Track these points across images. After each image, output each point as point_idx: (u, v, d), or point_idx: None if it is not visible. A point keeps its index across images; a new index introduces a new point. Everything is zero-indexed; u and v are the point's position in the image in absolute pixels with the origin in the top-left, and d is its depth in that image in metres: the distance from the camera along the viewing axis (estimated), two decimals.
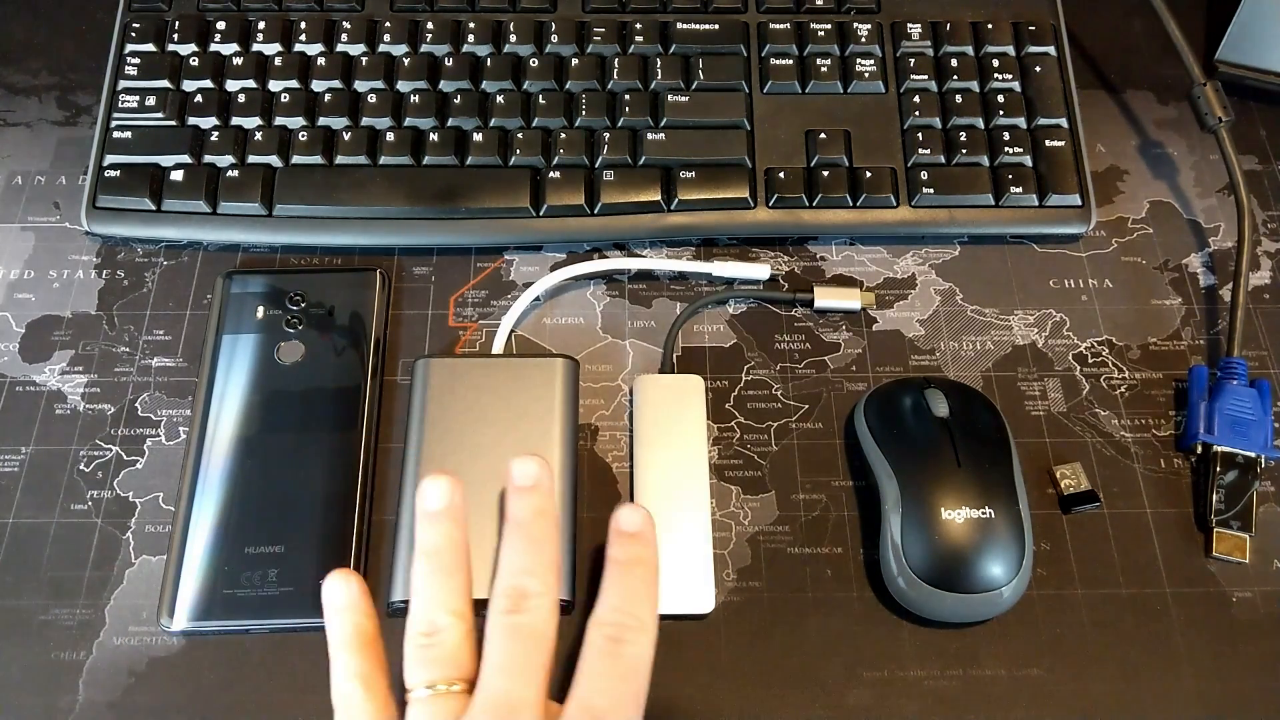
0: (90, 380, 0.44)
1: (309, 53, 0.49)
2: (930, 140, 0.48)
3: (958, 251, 0.48)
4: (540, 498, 0.35)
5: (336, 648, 0.33)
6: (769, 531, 0.42)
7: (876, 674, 0.39)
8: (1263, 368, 0.46)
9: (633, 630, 0.33)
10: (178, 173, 0.47)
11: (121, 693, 0.38)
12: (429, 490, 0.35)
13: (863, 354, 0.46)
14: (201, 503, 0.40)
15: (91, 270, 0.47)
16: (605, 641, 0.33)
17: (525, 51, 0.50)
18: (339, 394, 0.43)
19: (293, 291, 0.45)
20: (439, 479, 0.35)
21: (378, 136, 0.47)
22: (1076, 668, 0.39)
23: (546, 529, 0.35)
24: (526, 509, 0.35)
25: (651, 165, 0.47)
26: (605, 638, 0.33)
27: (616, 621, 0.33)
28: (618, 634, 0.33)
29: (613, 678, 0.32)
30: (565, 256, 0.48)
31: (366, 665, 0.33)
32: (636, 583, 0.34)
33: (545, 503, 0.35)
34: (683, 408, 0.42)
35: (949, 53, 0.50)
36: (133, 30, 0.50)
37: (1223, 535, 0.41)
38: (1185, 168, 0.51)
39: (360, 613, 0.34)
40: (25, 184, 0.49)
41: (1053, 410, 0.44)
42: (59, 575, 0.40)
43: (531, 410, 0.42)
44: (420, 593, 0.34)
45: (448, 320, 0.46)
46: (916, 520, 0.38)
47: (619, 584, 0.34)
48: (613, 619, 0.33)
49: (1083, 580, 0.41)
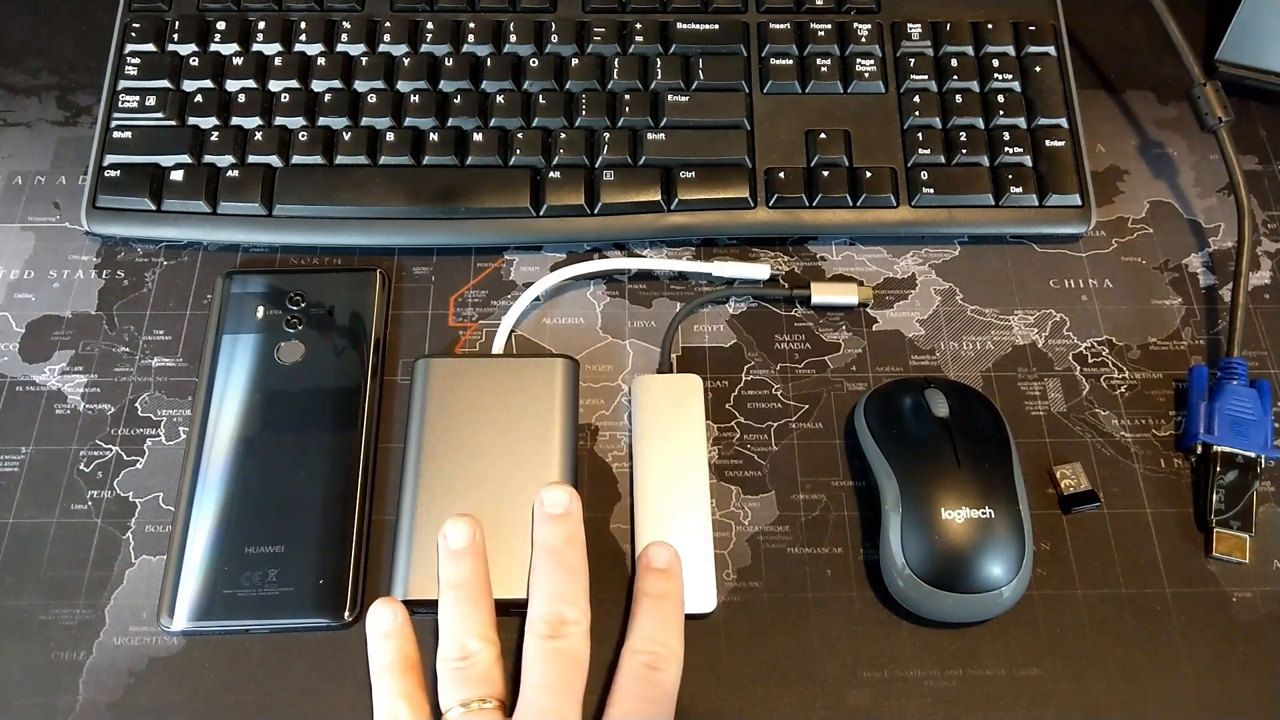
0: (90, 380, 0.44)
1: (309, 53, 0.49)
2: (930, 140, 0.48)
3: (958, 251, 0.48)
4: (571, 525, 0.38)
5: (380, 670, 0.36)
6: (769, 531, 0.42)
7: (876, 674, 0.39)
8: (1263, 368, 0.46)
9: (665, 659, 0.36)
10: (178, 173, 0.47)
11: (121, 693, 0.38)
12: (453, 531, 0.38)
13: (863, 354, 0.46)
14: (201, 503, 0.40)
15: (91, 270, 0.47)
16: (641, 668, 0.36)
17: (525, 51, 0.50)
18: (339, 394, 0.43)
19: (293, 291, 0.45)
20: (461, 521, 0.38)
21: (378, 136, 0.47)
22: (1076, 668, 0.39)
23: (578, 556, 0.38)
24: (558, 536, 0.38)
25: (651, 165, 0.47)
26: (642, 664, 0.36)
27: (651, 650, 0.36)
28: (653, 661, 0.36)
29: (647, 701, 0.35)
30: (565, 256, 0.48)
31: (410, 686, 0.36)
32: (668, 616, 0.37)
33: (576, 530, 0.38)
34: (682, 407, 0.42)
35: (949, 53, 0.50)
36: (133, 30, 0.50)
37: (1223, 535, 0.41)
38: (1185, 168, 0.51)
39: (404, 638, 0.37)
40: (25, 184, 0.49)
41: (1053, 410, 0.44)
42: (59, 575, 0.40)
43: (531, 410, 0.42)
44: (450, 621, 0.36)
45: (448, 320, 0.46)
46: (916, 520, 0.38)
47: (652, 616, 0.37)
48: (648, 647, 0.36)
49: (1083, 580, 0.41)
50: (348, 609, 0.39)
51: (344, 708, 0.38)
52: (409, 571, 0.38)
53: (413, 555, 0.39)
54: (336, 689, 0.38)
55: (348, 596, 0.39)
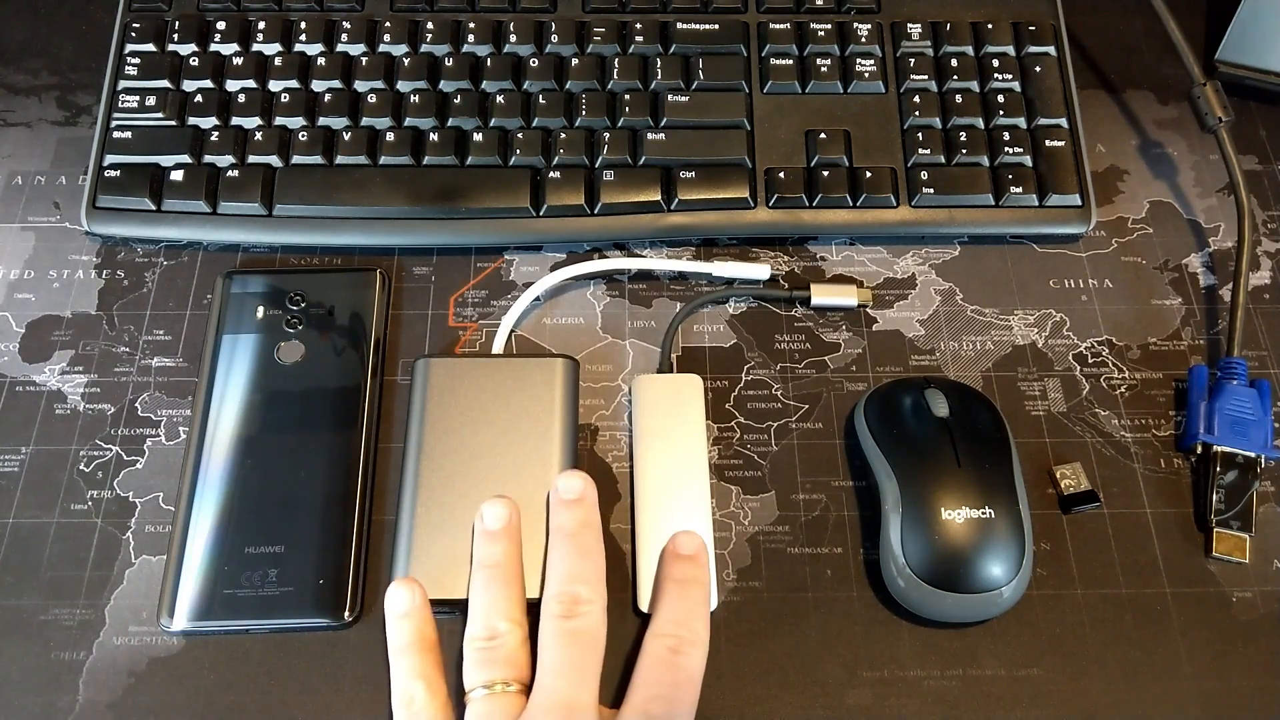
0: (90, 380, 0.44)
1: (309, 53, 0.49)
2: (930, 140, 0.48)
3: (958, 251, 0.48)
4: (586, 510, 0.38)
5: (399, 650, 0.36)
6: (769, 531, 0.42)
7: (876, 674, 0.39)
8: (1263, 368, 0.46)
9: (689, 643, 0.36)
10: (178, 173, 0.47)
11: (121, 693, 0.38)
12: (490, 512, 0.38)
13: (863, 354, 0.46)
14: (201, 503, 0.40)
15: (91, 270, 0.47)
16: (665, 651, 0.35)
17: (525, 51, 0.50)
18: (339, 394, 0.43)
19: (293, 291, 0.45)
20: (499, 503, 0.38)
21: (378, 136, 0.47)
22: (1076, 668, 0.39)
23: (593, 539, 0.38)
24: (573, 521, 0.38)
25: (651, 165, 0.47)
26: (665, 648, 0.35)
27: (675, 634, 0.36)
28: (676, 645, 0.35)
29: (669, 685, 0.35)
30: (565, 256, 0.48)
31: (428, 667, 0.35)
32: (692, 602, 0.37)
33: (591, 515, 0.38)
34: (682, 408, 0.42)
35: (949, 53, 0.50)
36: (133, 30, 0.50)
37: (1223, 535, 0.41)
38: (1185, 168, 0.51)
39: (422, 619, 0.36)
40: (25, 184, 0.49)
41: (1053, 410, 0.44)
42: (59, 575, 0.40)
43: (531, 410, 0.42)
44: (479, 602, 0.36)
45: (448, 320, 0.46)
46: (916, 520, 0.38)
47: (677, 600, 0.37)
48: (671, 631, 0.36)
49: (1083, 580, 0.41)
50: (348, 609, 0.39)
51: (344, 708, 0.38)
52: (409, 571, 0.38)
53: (413, 555, 0.39)
54: (336, 689, 0.38)
55: (348, 596, 0.39)
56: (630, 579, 0.40)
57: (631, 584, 0.40)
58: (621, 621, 0.39)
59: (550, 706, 0.33)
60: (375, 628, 0.39)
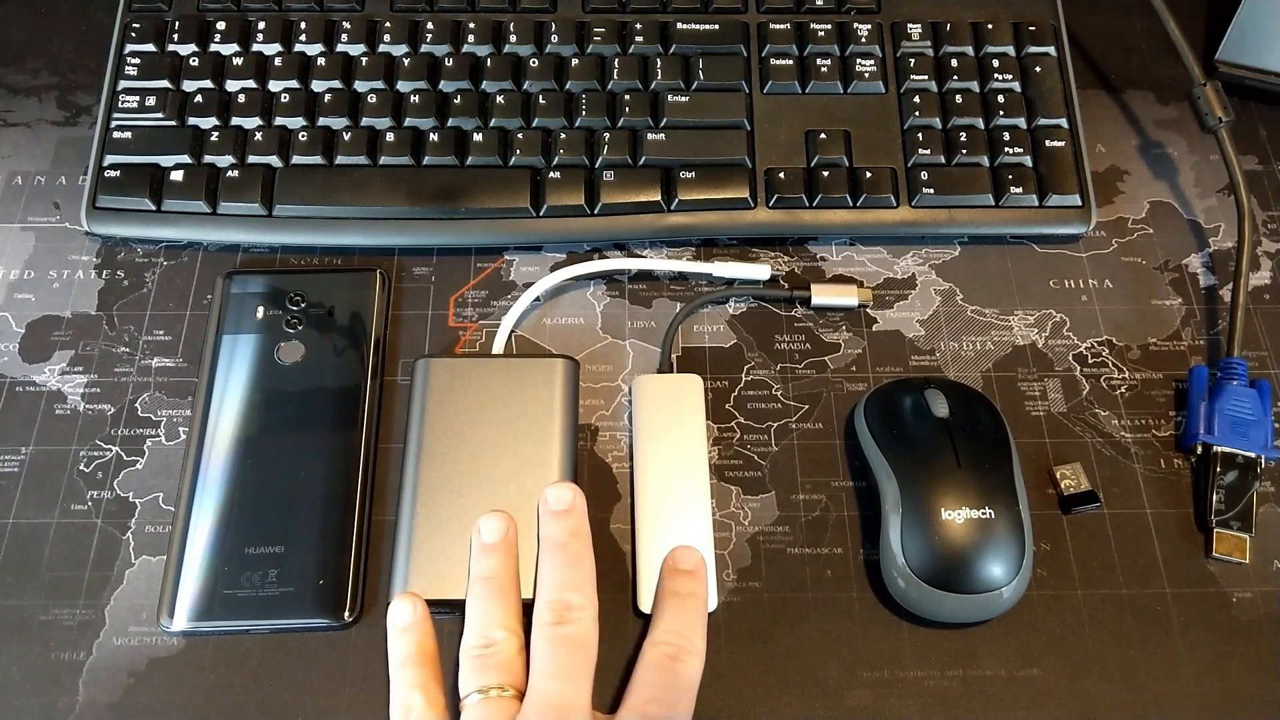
0: (90, 380, 0.44)
1: (309, 53, 0.49)
2: (930, 140, 0.48)
3: (958, 251, 0.48)
4: (575, 520, 0.38)
5: (399, 663, 0.36)
6: (769, 532, 0.42)
7: (876, 674, 0.39)
8: (1263, 368, 0.46)
9: (687, 652, 0.36)
10: (178, 173, 0.47)
11: (121, 693, 0.38)
12: (487, 526, 0.38)
13: (863, 354, 0.46)
14: (201, 503, 0.40)
15: (91, 270, 0.47)
16: (664, 658, 0.36)
17: (525, 52, 0.50)
18: (339, 394, 0.43)
19: (293, 292, 0.45)
20: (496, 516, 0.39)
21: (378, 136, 0.47)
22: (1076, 668, 0.39)
23: (582, 548, 0.38)
24: (563, 531, 0.38)
25: (651, 165, 0.47)
26: (664, 655, 0.36)
27: (673, 643, 0.36)
28: (675, 653, 0.36)
29: (668, 689, 0.35)
30: (565, 256, 0.48)
31: (426, 678, 0.36)
32: (691, 615, 0.37)
33: (580, 525, 0.38)
34: (682, 408, 0.42)
35: (949, 53, 0.50)
36: (133, 30, 0.50)
37: (1223, 535, 0.41)
38: (1185, 168, 0.51)
39: (423, 633, 0.37)
40: (25, 184, 0.49)
41: (1053, 410, 0.44)
42: (59, 575, 0.40)
43: (531, 410, 0.42)
44: (476, 613, 0.37)
45: (448, 320, 0.46)
46: (916, 520, 0.38)
47: (676, 612, 0.37)
48: (671, 639, 0.36)
49: (1083, 580, 0.41)
50: (348, 609, 0.39)
51: (344, 708, 0.38)
52: (409, 571, 0.38)
53: (412, 555, 0.39)
54: (336, 689, 0.38)
55: (348, 597, 0.39)
56: (630, 579, 0.40)
57: (631, 584, 0.40)
58: (621, 622, 0.39)
59: (544, 708, 0.34)
60: (375, 628, 0.39)
